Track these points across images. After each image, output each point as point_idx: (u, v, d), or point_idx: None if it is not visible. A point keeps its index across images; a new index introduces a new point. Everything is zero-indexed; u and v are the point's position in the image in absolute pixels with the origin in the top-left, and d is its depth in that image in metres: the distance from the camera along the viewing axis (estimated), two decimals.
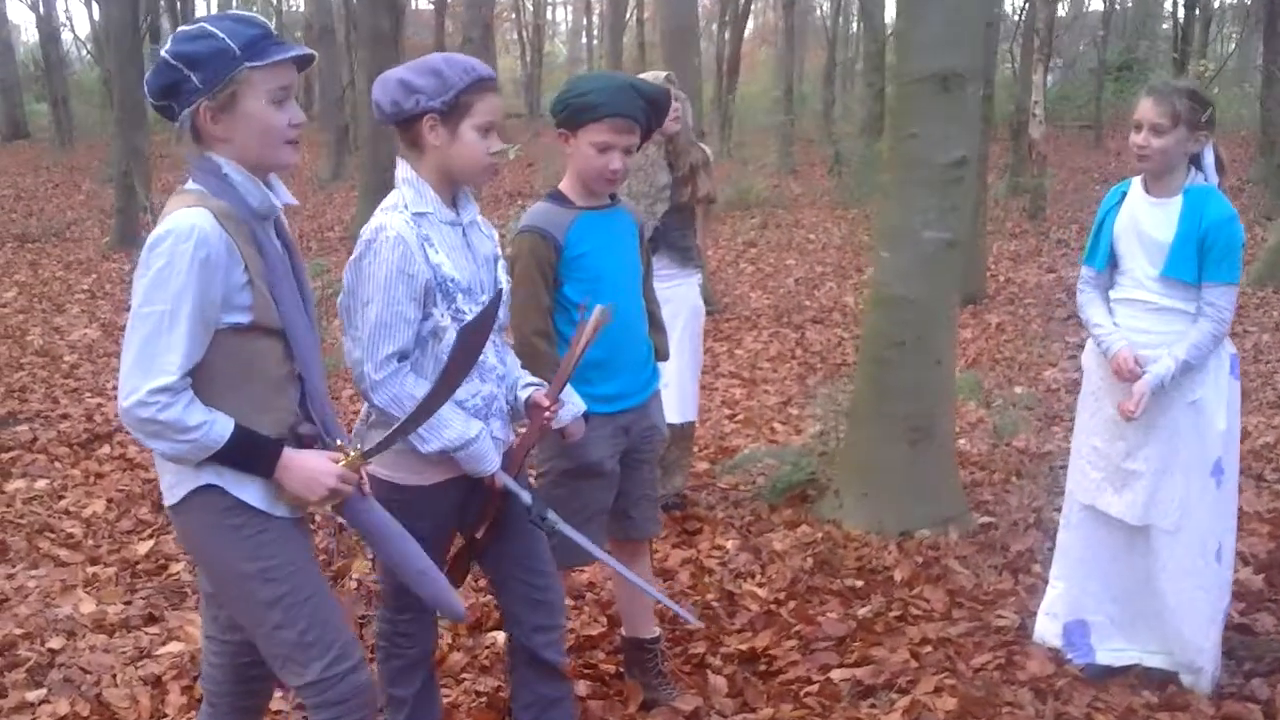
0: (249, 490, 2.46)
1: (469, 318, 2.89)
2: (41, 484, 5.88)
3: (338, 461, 2.52)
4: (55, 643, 4.13)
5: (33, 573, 4.78)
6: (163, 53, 2.40)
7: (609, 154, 3.34)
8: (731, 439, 6.71)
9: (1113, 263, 3.86)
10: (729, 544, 5.00)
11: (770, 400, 7.62)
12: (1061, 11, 31.94)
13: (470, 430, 2.88)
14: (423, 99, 2.84)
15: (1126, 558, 3.90)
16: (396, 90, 2.86)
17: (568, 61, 50.77)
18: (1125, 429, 3.78)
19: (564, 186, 3.50)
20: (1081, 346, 4.14)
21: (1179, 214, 3.68)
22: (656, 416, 3.67)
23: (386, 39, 14.42)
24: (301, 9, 32.87)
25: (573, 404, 3.26)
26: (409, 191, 2.91)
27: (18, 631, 4.20)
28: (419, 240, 2.83)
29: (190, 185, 2.45)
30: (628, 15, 29.26)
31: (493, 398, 3.00)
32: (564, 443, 3.35)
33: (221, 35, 2.37)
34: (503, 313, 3.07)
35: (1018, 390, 7.75)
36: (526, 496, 3.03)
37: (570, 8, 56.09)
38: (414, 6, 39.38)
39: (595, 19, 44.61)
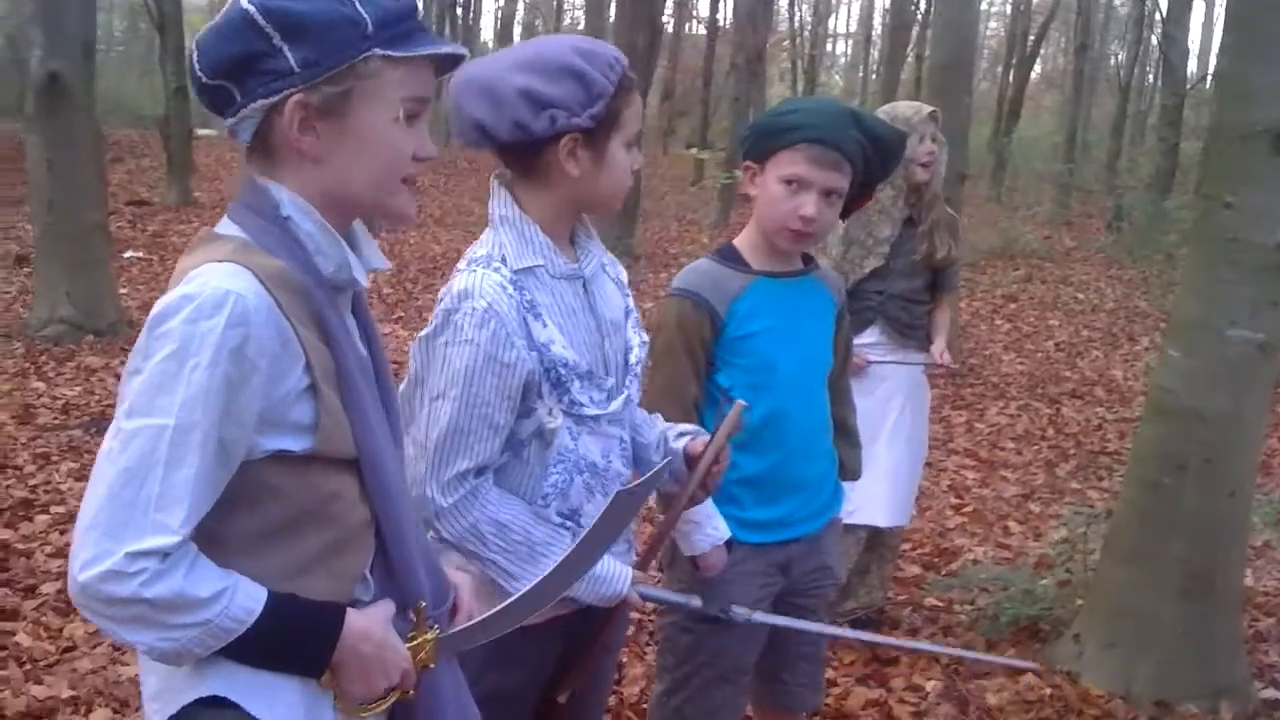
0: (280, 704, 1.54)
1: (589, 410, 2.07)
2: None
3: (411, 640, 1.66)
4: None
5: None
6: (243, 3, 1.51)
7: (802, 194, 2.44)
8: (953, 537, 5.67)
9: None
10: (930, 686, 4.02)
11: (1009, 491, 6.52)
12: None
13: None
14: (561, 115, 2.00)
15: None
16: (519, 105, 2.00)
17: (843, 93, 49.68)
18: None
19: (740, 241, 2.62)
20: None
21: None
22: (831, 554, 2.76)
23: (640, 57, 13.83)
24: (581, 24, 32.96)
25: (712, 528, 2.42)
26: (509, 237, 2.08)
27: None
28: (520, 312, 2.00)
29: (226, 228, 1.57)
30: (907, 49, 28.06)
31: None
32: (698, 575, 2.50)
33: None
34: (636, 393, 2.25)
35: None
36: (695, 600, 2.26)
37: (850, 41, 55.04)
38: (690, 30, 39.14)
39: (875, 53, 43.45)
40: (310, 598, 1.54)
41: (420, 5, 1.61)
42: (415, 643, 1.66)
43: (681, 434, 2.34)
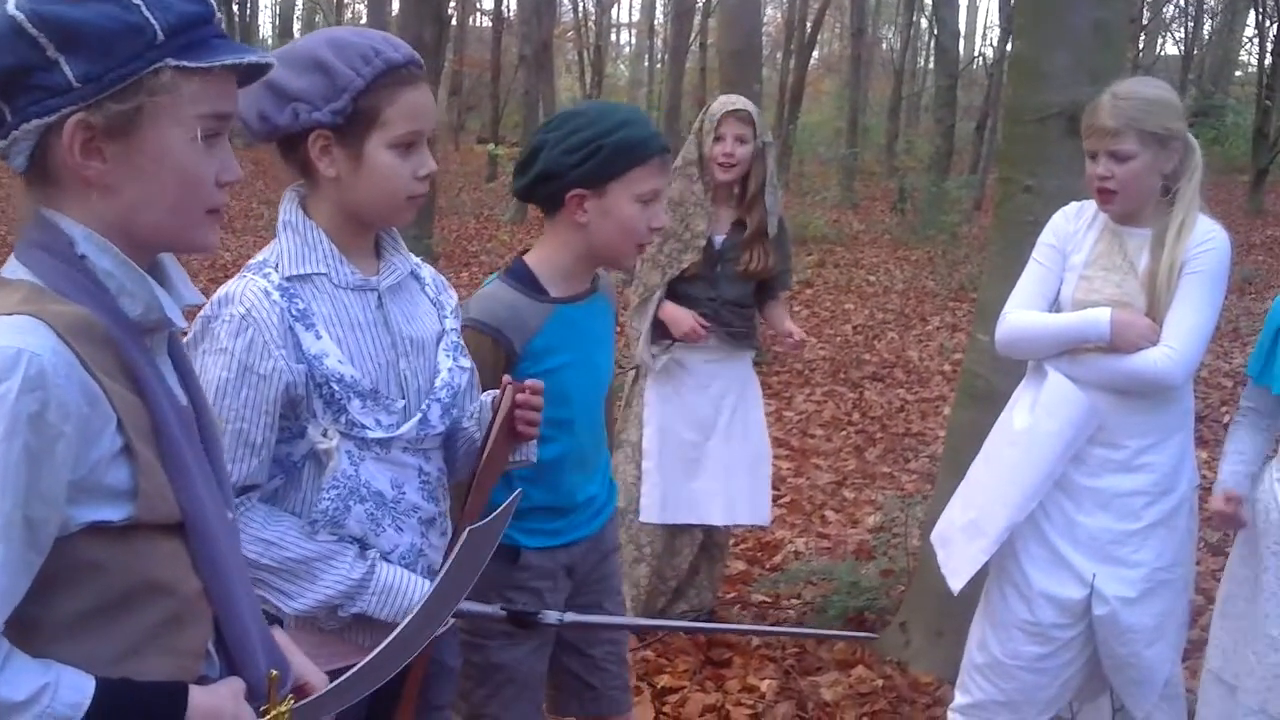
0: None
1: (373, 434, 1.91)
2: None
3: (264, 714, 1.49)
4: None
5: None
6: (10, 8, 1.29)
7: (654, 205, 2.37)
8: (774, 529, 5.66)
9: None
10: (765, 686, 3.98)
11: (823, 479, 6.57)
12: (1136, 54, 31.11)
13: (356, 570, 1.91)
14: (303, 109, 1.87)
15: None
16: (263, 97, 1.88)
17: (629, 84, 49.97)
18: None
19: (539, 263, 2.48)
20: None
21: None
22: (611, 542, 2.72)
23: (428, 51, 13.56)
24: (364, 19, 32.23)
25: None
26: (291, 243, 1.93)
27: None
28: (286, 320, 1.85)
29: (12, 271, 1.38)
30: (691, 39, 28.35)
31: (416, 552, 2.01)
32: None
33: (137, 1, 1.33)
34: (439, 420, 2.05)
35: None
36: (499, 609, 2.14)
37: (634, 31, 55.43)
38: (475, 23, 38.73)
39: (659, 42, 43.80)
40: (148, 679, 1.35)
41: (216, 9, 1.42)
42: (269, 716, 1.49)
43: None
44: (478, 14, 38.73)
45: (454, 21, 27.29)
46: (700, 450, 4.16)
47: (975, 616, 3.25)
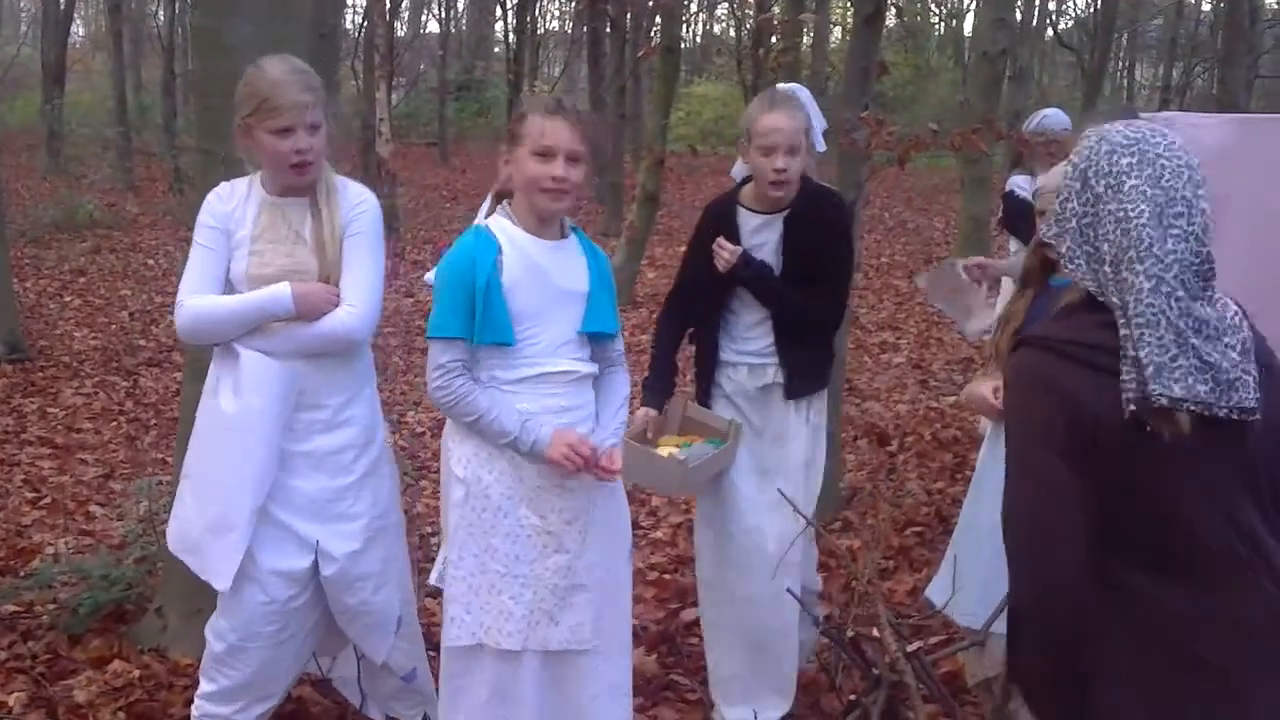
0: None
1: None
2: None
3: None
4: None
5: None
6: None
7: None
8: (33, 533, 5.34)
9: None
10: (14, 699, 3.75)
11: (89, 474, 6.27)
12: (400, 30, 32.59)
13: None
14: None
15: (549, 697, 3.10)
16: None
17: None
18: (562, 538, 2.95)
19: None
20: None
21: (585, 257, 3.03)
22: None
23: None
24: None
25: None
26: None
27: None
28: None
29: None
30: None
31: None
32: None
33: None
34: None
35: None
36: None
37: None
38: None
39: None
40: None
41: None
42: None
43: None
44: None
45: None
46: None
47: (218, 605, 3.23)
